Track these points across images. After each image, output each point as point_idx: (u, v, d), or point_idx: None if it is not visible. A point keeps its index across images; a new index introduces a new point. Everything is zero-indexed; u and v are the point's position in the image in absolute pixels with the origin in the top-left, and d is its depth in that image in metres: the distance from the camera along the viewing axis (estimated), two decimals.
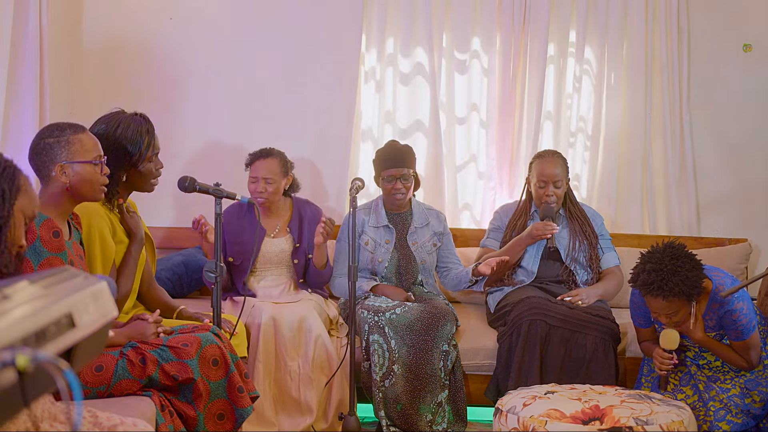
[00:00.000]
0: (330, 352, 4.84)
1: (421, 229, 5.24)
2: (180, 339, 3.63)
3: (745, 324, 4.42)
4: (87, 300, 1.91)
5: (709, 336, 4.52)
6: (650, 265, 4.29)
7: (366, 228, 5.20)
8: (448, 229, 5.38)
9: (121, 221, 4.01)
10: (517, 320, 4.89)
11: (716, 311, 4.45)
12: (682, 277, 4.23)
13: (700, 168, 6.12)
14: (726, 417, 4.55)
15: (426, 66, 5.96)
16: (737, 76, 6.09)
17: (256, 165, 5.13)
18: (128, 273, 3.94)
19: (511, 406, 4.29)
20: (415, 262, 5.21)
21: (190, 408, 3.60)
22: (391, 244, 5.19)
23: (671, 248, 4.31)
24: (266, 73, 5.97)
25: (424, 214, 5.28)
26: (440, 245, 5.31)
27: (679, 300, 4.29)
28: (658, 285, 4.25)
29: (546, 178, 5.20)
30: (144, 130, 4.03)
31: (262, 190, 5.08)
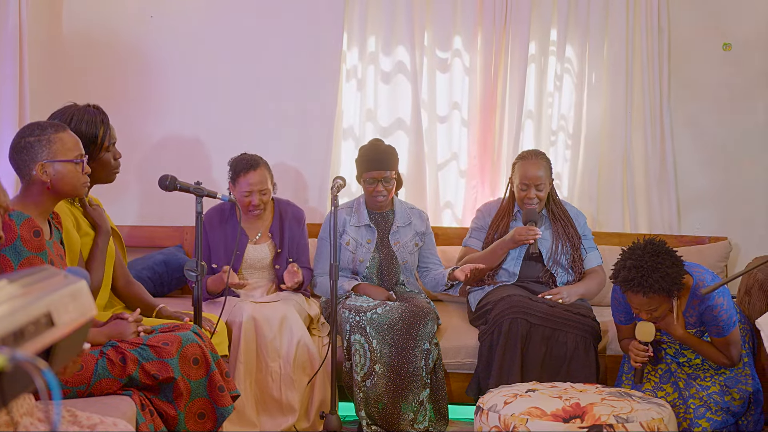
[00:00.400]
0: (312, 351, 4.83)
1: (403, 229, 5.23)
2: (160, 338, 3.62)
3: (726, 320, 4.44)
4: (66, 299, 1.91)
5: (690, 333, 4.54)
6: (630, 261, 4.31)
7: (347, 228, 5.19)
8: (430, 229, 5.37)
9: (85, 215, 3.99)
10: (498, 318, 4.90)
11: (697, 307, 4.47)
12: (662, 273, 4.25)
13: (680, 166, 6.15)
14: (706, 414, 4.58)
15: (407, 64, 5.96)
16: (717, 74, 6.11)
17: (247, 178, 5.01)
18: (97, 265, 3.93)
19: (492, 404, 4.30)
20: (397, 262, 5.21)
21: (170, 407, 3.59)
22: (373, 244, 5.18)
23: (652, 245, 4.33)
24: (247, 72, 5.95)
25: (407, 214, 5.27)
26: (422, 245, 5.30)
27: (659, 296, 4.32)
28: (639, 281, 4.27)
29: (528, 181, 5.20)
30: (98, 120, 4.00)
31: (258, 203, 5.03)
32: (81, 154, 3.57)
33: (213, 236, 5.11)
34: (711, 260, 5.73)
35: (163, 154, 5.86)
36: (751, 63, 6.10)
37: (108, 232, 4.02)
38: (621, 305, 4.65)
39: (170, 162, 5.76)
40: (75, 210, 3.95)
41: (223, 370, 3.78)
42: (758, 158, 6.12)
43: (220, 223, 5.13)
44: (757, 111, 6.13)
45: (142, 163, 5.82)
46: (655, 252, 4.30)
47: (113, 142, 4.09)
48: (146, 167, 5.72)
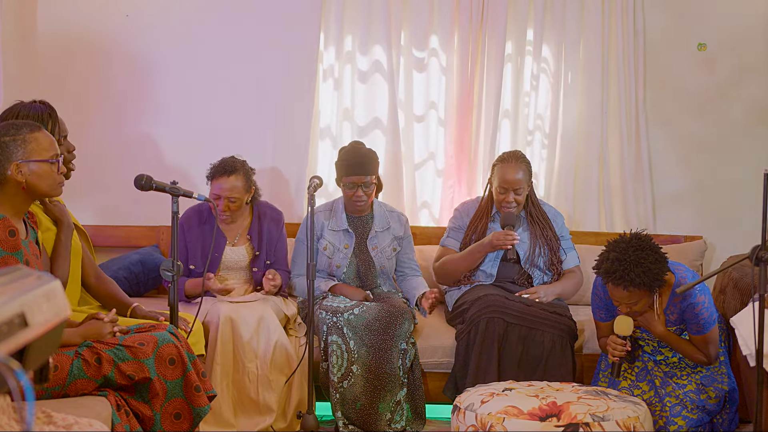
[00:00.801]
0: (289, 352, 4.82)
1: (381, 234, 5.21)
2: (136, 338, 3.61)
3: (706, 318, 4.48)
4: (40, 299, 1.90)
5: (670, 330, 4.57)
6: (614, 254, 4.33)
7: (325, 232, 5.16)
8: (409, 232, 5.35)
9: (46, 211, 3.97)
10: (475, 318, 4.91)
11: (678, 305, 4.50)
12: (645, 268, 4.28)
13: (655, 166, 6.17)
14: (681, 412, 4.60)
15: (384, 64, 5.96)
16: (692, 74, 6.15)
17: (220, 182, 5.02)
18: (62, 260, 3.90)
19: (469, 404, 4.31)
20: (375, 267, 5.20)
21: (146, 407, 3.58)
22: (350, 249, 5.16)
23: (637, 239, 4.36)
24: (223, 71, 5.94)
25: (386, 218, 5.25)
26: (400, 249, 5.29)
27: (639, 291, 4.34)
28: (620, 274, 4.29)
29: (507, 185, 5.19)
30: (45, 115, 3.97)
31: (224, 209, 5.02)
32: (56, 154, 3.55)
33: (191, 237, 5.10)
34: (686, 259, 5.76)
35: (139, 153, 5.84)
36: (726, 63, 6.14)
37: (70, 226, 3.99)
38: (602, 302, 4.67)
39: (147, 161, 5.74)
40: (35, 207, 3.92)
41: (200, 370, 3.77)
42: (733, 158, 6.15)
43: (198, 224, 5.11)
44: (732, 111, 6.17)
45: (118, 163, 5.80)
46: (639, 246, 4.33)
47: (64, 135, 4.06)
48: (122, 167, 5.69)
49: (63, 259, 3.91)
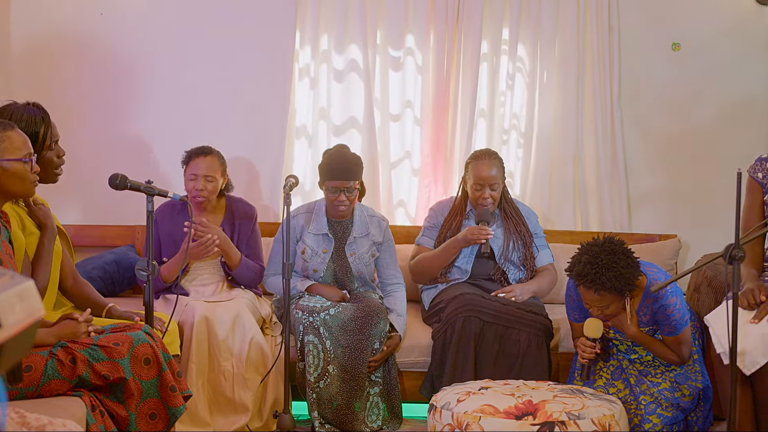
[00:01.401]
0: (264, 351, 4.81)
1: (360, 239, 5.18)
2: (111, 338, 3.59)
3: (678, 319, 4.50)
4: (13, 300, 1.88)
5: (643, 331, 4.59)
6: (587, 257, 4.35)
7: (305, 235, 5.15)
8: (389, 237, 5.29)
9: (30, 214, 3.94)
10: (452, 317, 4.91)
11: (650, 306, 4.52)
12: (616, 272, 4.30)
13: (630, 165, 6.20)
14: (656, 410, 4.63)
15: (360, 63, 5.96)
16: (666, 74, 6.18)
17: (196, 162, 5.05)
18: (44, 264, 3.87)
19: (445, 402, 4.31)
20: (352, 272, 5.18)
21: (121, 408, 3.56)
22: (328, 254, 5.13)
23: (610, 243, 4.38)
24: (198, 70, 5.92)
25: (365, 223, 5.20)
26: (378, 255, 5.27)
27: (610, 294, 4.36)
28: (592, 278, 4.31)
29: (482, 182, 5.21)
30: (39, 119, 3.94)
31: (202, 188, 5.01)
32: (30, 153, 3.53)
33: (163, 229, 5.09)
34: (661, 258, 5.79)
35: (114, 152, 5.82)
36: (700, 62, 6.17)
37: (54, 231, 3.96)
38: (575, 303, 4.69)
39: (122, 161, 5.71)
40: (20, 210, 3.89)
41: (175, 370, 3.75)
42: (707, 157, 6.19)
43: (171, 216, 5.10)
44: (706, 110, 6.20)
45: (93, 162, 5.77)
46: (612, 251, 4.34)
47: (56, 140, 4.03)
48: (97, 166, 5.66)
49: (45, 265, 3.87)
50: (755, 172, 4.43)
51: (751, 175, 4.44)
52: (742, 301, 4.01)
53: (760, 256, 4.36)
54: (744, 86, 6.17)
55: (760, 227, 4.19)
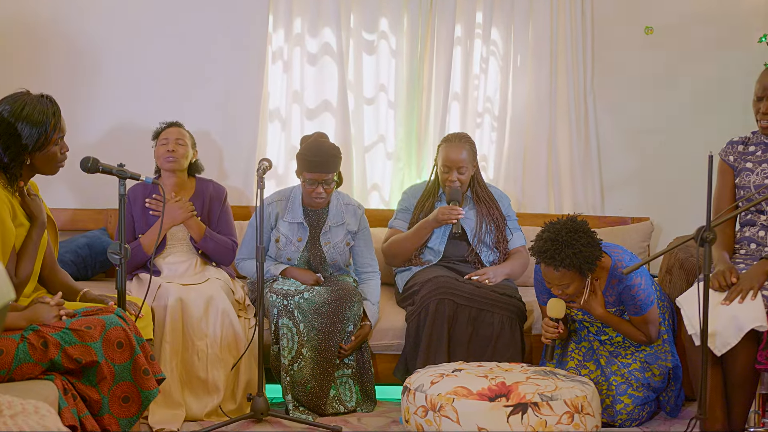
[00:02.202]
0: (238, 332, 4.80)
1: (335, 228, 5.16)
2: (83, 322, 3.57)
3: (644, 299, 4.55)
4: None
5: (610, 312, 4.63)
6: (548, 234, 4.41)
7: (279, 223, 5.14)
8: (365, 225, 5.26)
9: (22, 204, 3.91)
10: (425, 299, 4.92)
11: (616, 287, 4.56)
12: (576, 250, 4.34)
13: (603, 148, 6.23)
14: (628, 391, 4.67)
15: (334, 46, 5.94)
16: (639, 58, 6.20)
17: (167, 132, 5.15)
18: (28, 257, 3.84)
19: (419, 385, 4.33)
20: (326, 261, 5.17)
21: (94, 391, 3.55)
22: (303, 243, 5.12)
23: (571, 222, 4.43)
24: (171, 54, 5.88)
25: (341, 212, 5.18)
26: (353, 244, 5.26)
27: (570, 272, 4.41)
28: (551, 254, 4.36)
29: (450, 164, 5.22)
30: (50, 112, 3.91)
31: (173, 149, 5.05)
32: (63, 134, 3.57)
33: (136, 207, 5.09)
34: (634, 240, 5.83)
35: (87, 136, 5.77)
36: (672, 47, 6.20)
37: (43, 225, 3.93)
38: (543, 286, 4.73)
39: (95, 144, 5.69)
40: (14, 200, 3.85)
41: (148, 353, 3.74)
42: (679, 140, 6.22)
43: (143, 195, 5.10)
44: (678, 94, 6.23)
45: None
46: (573, 229, 4.40)
47: (62, 135, 4.00)
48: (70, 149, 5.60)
49: (29, 258, 3.84)
50: (726, 156, 4.46)
51: (723, 158, 4.47)
52: (714, 282, 4.04)
53: (731, 238, 4.39)
54: (716, 70, 6.20)
55: (731, 210, 4.22)
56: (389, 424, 4.75)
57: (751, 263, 4.18)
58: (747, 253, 4.32)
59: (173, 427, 4.52)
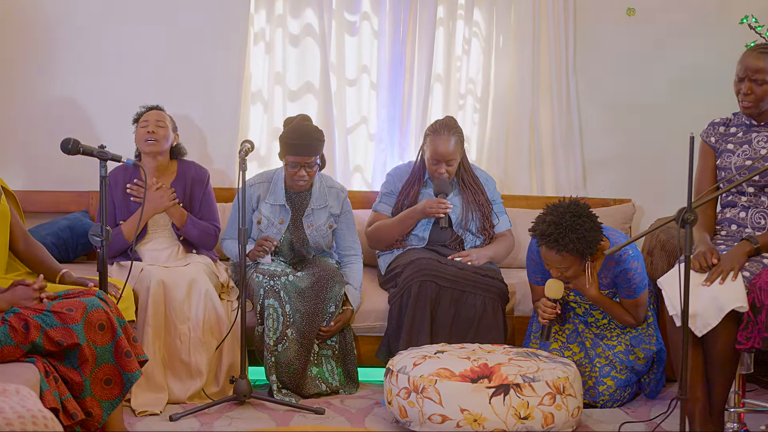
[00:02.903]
0: (220, 315, 4.80)
1: (318, 211, 5.15)
2: (65, 304, 3.56)
3: (638, 283, 4.58)
4: None
5: (603, 293, 4.65)
6: (551, 217, 4.42)
7: (261, 205, 5.12)
8: (348, 208, 5.26)
9: None
10: (408, 281, 4.93)
11: (612, 269, 4.59)
12: (579, 235, 4.36)
13: (585, 129, 6.24)
14: (611, 373, 4.69)
15: (316, 27, 5.92)
16: (621, 39, 6.20)
17: (147, 114, 5.09)
18: None
19: (401, 366, 4.34)
20: (309, 244, 5.16)
21: (75, 374, 3.54)
22: (285, 225, 5.10)
23: (575, 205, 4.45)
24: (152, 35, 5.83)
25: (324, 194, 5.16)
26: (336, 226, 5.25)
27: (572, 256, 4.43)
28: (555, 238, 4.38)
29: (439, 157, 5.20)
30: None
31: (153, 130, 5.00)
32: None
33: (117, 192, 5.05)
34: (615, 222, 5.84)
35: (68, 117, 5.73)
36: (654, 28, 6.20)
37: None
38: (538, 266, 4.74)
39: (76, 125, 5.65)
40: None
41: (130, 335, 3.74)
42: (661, 122, 6.23)
43: (124, 180, 5.07)
44: (660, 76, 6.24)
45: (46, 127, 5.69)
46: (576, 213, 4.41)
47: None
48: (50, 131, 5.59)
49: None
50: (708, 137, 4.47)
51: (704, 139, 4.49)
52: (694, 264, 4.05)
53: (712, 219, 4.41)
54: (697, 52, 6.20)
55: (712, 191, 4.24)
56: (372, 406, 4.76)
57: (732, 244, 4.20)
58: (728, 234, 4.34)
59: (156, 410, 4.52)
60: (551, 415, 4.18)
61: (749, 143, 4.33)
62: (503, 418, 4.12)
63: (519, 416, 4.12)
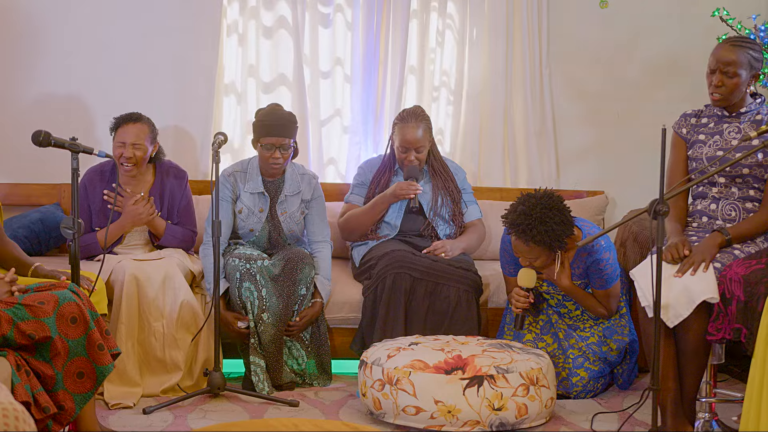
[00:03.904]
0: (195, 310, 4.78)
1: (291, 198, 5.15)
2: (36, 297, 3.54)
3: (610, 273, 4.60)
4: None
5: (575, 284, 4.67)
6: (522, 207, 4.43)
7: (241, 194, 5.11)
8: (319, 194, 5.24)
9: None
10: (382, 273, 4.93)
11: (584, 260, 4.60)
12: (548, 227, 4.38)
13: (559, 122, 6.25)
14: (584, 364, 4.72)
15: (289, 19, 5.90)
16: (594, 31, 6.22)
17: (124, 129, 4.96)
18: None
19: (375, 358, 4.35)
20: (283, 232, 5.15)
21: (47, 367, 3.52)
22: (265, 213, 5.10)
23: (548, 198, 4.46)
24: (126, 26, 5.80)
25: (297, 181, 5.16)
26: (308, 212, 5.24)
27: (539, 248, 4.45)
28: (523, 229, 4.39)
29: (408, 145, 5.21)
30: None
31: (130, 156, 4.92)
32: None
33: (93, 199, 5.01)
34: (588, 214, 5.87)
35: (40, 110, 5.69)
36: (628, 20, 6.22)
37: None
38: (511, 257, 4.76)
39: (48, 118, 5.59)
40: None
41: (103, 328, 3.72)
42: (634, 114, 6.26)
43: (101, 184, 5.02)
44: (633, 68, 6.27)
45: (18, 120, 5.65)
46: (548, 206, 4.42)
47: None
48: (22, 123, 5.54)
49: None
50: (680, 128, 4.50)
51: (676, 131, 4.51)
52: (666, 255, 4.08)
53: (684, 210, 4.44)
54: (670, 44, 6.24)
55: (684, 182, 4.26)
56: (346, 398, 4.76)
57: (704, 236, 4.23)
58: (699, 225, 4.37)
59: (129, 403, 4.51)
60: (525, 406, 4.20)
61: (720, 134, 4.36)
62: (477, 409, 4.13)
63: (493, 407, 4.14)
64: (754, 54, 4.29)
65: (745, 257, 4.04)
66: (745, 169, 4.25)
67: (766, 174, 4.26)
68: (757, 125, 4.30)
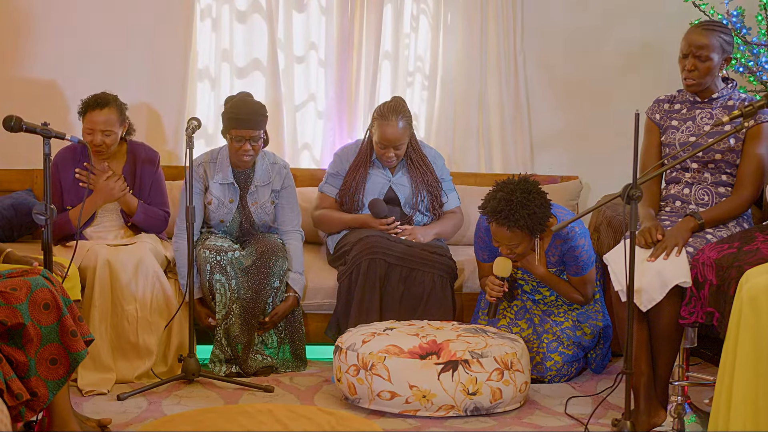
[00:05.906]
0: (168, 295, 4.77)
1: (261, 188, 5.11)
2: (8, 283, 3.51)
3: (585, 260, 4.63)
4: None
5: (550, 271, 4.68)
6: (502, 194, 4.44)
7: (211, 185, 5.08)
8: (289, 183, 5.20)
9: None
10: (357, 259, 4.93)
11: (559, 247, 4.62)
12: (530, 211, 4.40)
13: (533, 107, 6.27)
14: (558, 348, 4.74)
15: (263, 3, 5.88)
16: (568, 16, 6.23)
17: (92, 116, 4.89)
18: None
19: (350, 344, 4.36)
20: (254, 222, 5.13)
21: (20, 353, 3.49)
22: (235, 204, 5.07)
23: (525, 182, 4.48)
24: (99, 11, 5.76)
25: (267, 171, 5.13)
26: (278, 202, 5.22)
27: (522, 233, 4.46)
28: (506, 215, 4.41)
29: (387, 143, 5.18)
30: None
31: (99, 143, 4.88)
32: None
33: (65, 177, 4.97)
34: (563, 199, 5.88)
35: (13, 95, 5.64)
36: (601, 6, 6.24)
37: None
38: (485, 243, 4.77)
39: (21, 103, 5.53)
40: None
41: (76, 314, 3.70)
42: (607, 100, 6.28)
43: (72, 163, 4.98)
44: (606, 54, 6.28)
45: None
46: (527, 190, 4.44)
47: None
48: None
49: None
50: (653, 114, 4.52)
51: (649, 116, 4.53)
52: (640, 240, 4.09)
53: (657, 195, 4.46)
54: (643, 29, 6.25)
55: (657, 167, 4.28)
56: (321, 383, 4.77)
57: (676, 220, 4.25)
58: (672, 210, 4.39)
59: (103, 389, 4.49)
60: (499, 390, 4.21)
61: (693, 120, 4.38)
62: (452, 393, 4.15)
63: (467, 392, 4.16)
64: (725, 38, 4.30)
65: (718, 241, 4.06)
66: (718, 154, 4.27)
67: (738, 159, 4.29)
68: (728, 110, 4.31)
